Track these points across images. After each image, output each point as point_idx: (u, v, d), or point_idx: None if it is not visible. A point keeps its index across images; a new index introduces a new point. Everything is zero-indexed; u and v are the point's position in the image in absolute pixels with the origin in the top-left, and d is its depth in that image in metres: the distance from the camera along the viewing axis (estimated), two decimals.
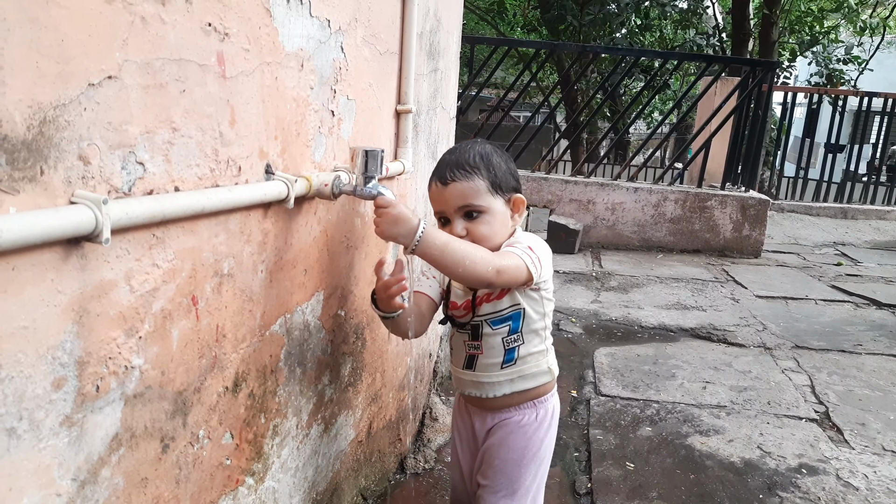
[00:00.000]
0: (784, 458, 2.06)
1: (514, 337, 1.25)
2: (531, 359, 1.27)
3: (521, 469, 1.29)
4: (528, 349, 1.26)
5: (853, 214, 7.38)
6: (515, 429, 1.29)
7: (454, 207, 1.21)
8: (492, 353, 1.26)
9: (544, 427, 1.30)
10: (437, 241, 1.10)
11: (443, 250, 1.10)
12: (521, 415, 1.29)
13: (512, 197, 1.26)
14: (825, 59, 11.34)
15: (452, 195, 1.21)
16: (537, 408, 1.30)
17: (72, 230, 0.63)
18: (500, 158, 1.25)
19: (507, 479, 1.29)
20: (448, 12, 1.95)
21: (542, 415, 1.30)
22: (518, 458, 1.29)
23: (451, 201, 1.21)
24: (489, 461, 1.30)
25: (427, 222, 1.11)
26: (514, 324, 1.25)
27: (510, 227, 1.26)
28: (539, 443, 1.30)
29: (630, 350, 2.96)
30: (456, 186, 1.20)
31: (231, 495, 1.03)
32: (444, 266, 1.12)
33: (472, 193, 1.20)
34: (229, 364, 0.98)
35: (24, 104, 0.59)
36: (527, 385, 1.28)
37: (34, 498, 0.66)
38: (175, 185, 0.81)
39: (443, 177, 1.21)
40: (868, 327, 3.43)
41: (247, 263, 0.99)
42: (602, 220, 5.16)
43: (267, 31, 0.95)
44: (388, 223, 1.10)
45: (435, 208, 1.25)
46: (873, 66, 11.85)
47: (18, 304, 0.61)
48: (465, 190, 1.20)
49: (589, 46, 7.20)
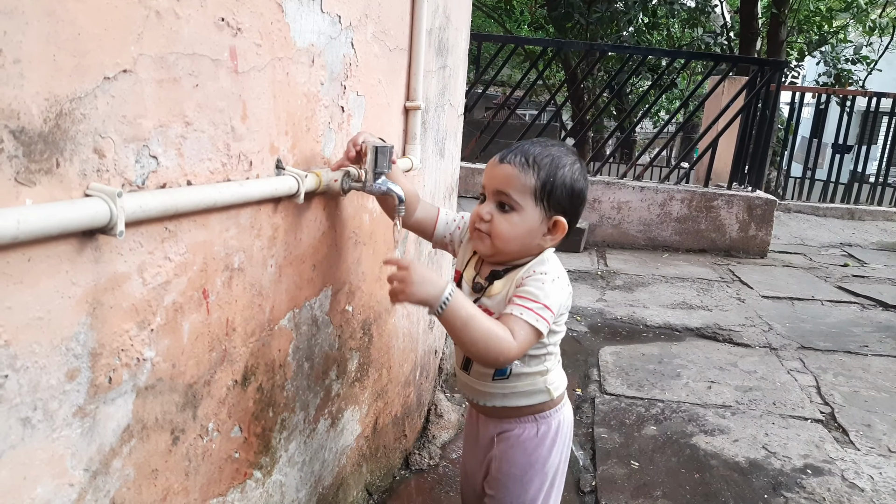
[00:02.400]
0: (789, 458, 2.05)
1: None
2: (526, 378, 1.21)
3: (524, 485, 1.24)
4: (522, 369, 1.20)
5: (860, 215, 7.35)
6: (516, 443, 1.24)
7: (493, 188, 1.15)
8: None
9: (547, 443, 1.24)
10: (462, 311, 1.03)
11: (466, 323, 1.03)
12: (522, 429, 1.24)
13: (555, 217, 1.15)
14: (833, 58, 11.29)
15: (499, 175, 1.14)
16: (538, 423, 1.23)
17: (87, 222, 0.64)
18: (570, 174, 1.14)
19: (511, 493, 1.25)
20: (457, 9, 1.95)
21: (544, 431, 1.23)
22: (520, 473, 1.24)
23: (494, 181, 1.14)
24: (494, 473, 1.27)
25: (454, 286, 1.05)
26: None
27: (537, 245, 1.16)
28: (542, 459, 1.24)
29: (635, 349, 2.96)
30: (506, 169, 1.13)
31: (239, 488, 1.03)
32: (460, 338, 1.05)
33: (517, 185, 1.12)
34: (239, 358, 0.98)
35: (41, 97, 0.60)
36: (520, 402, 1.22)
37: (47, 487, 0.67)
38: (187, 179, 0.81)
39: (504, 155, 1.15)
40: (874, 328, 3.42)
41: (257, 258, 0.99)
42: (608, 219, 5.15)
43: (279, 26, 0.95)
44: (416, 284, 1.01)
45: (483, 180, 1.19)
46: (882, 66, 11.79)
47: (34, 295, 0.62)
48: (511, 178, 1.12)
49: (596, 45, 7.18)
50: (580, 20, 8.90)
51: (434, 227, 1.31)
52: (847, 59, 11.39)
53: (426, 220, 1.31)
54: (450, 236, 1.31)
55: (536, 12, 11.66)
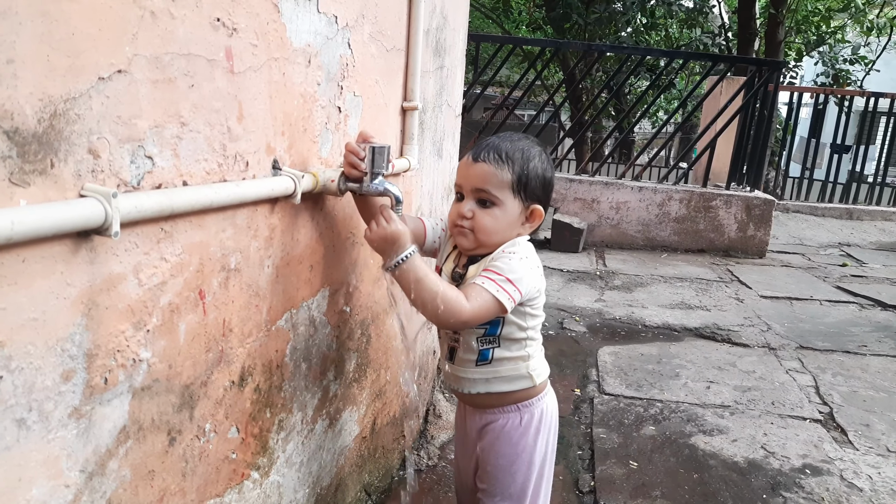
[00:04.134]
0: (788, 458, 2.05)
1: (489, 339, 1.23)
2: (507, 363, 1.24)
3: (513, 475, 1.27)
4: (503, 353, 1.24)
5: (858, 215, 7.35)
6: (500, 434, 1.26)
7: (472, 187, 1.19)
8: (467, 349, 1.25)
9: (531, 432, 1.26)
10: (417, 272, 1.10)
11: (419, 282, 1.09)
12: (506, 419, 1.26)
13: (532, 206, 1.22)
14: (831, 58, 11.29)
15: (475, 174, 1.18)
16: (521, 412, 1.26)
17: (82, 223, 0.64)
18: (540, 164, 1.21)
19: (501, 484, 1.27)
20: (454, 10, 1.95)
21: (527, 419, 1.26)
22: (507, 464, 1.26)
23: (471, 179, 1.19)
24: (483, 466, 1.30)
25: (417, 252, 1.12)
26: (490, 328, 1.22)
27: (517, 233, 1.23)
28: (529, 448, 1.26)
29: (634, 349, 2.96)
30: (482, 167, 1.17)
31: (236, 489, 1.03)
32: (415, 298, 1.10)
33: (494, 182, 1.17)
34: (236, 358, 0.98)
35: (35, 97, 0.59)
36: (503, 388, 1.25)
37: (43, 489, 0.67)
38: (183, 180, 0.81)
39: (477, 153, 1.19)
40: (873, 328, 3.42)
41: (253, 258, 0.99)
42: (606, 219, 5.15)
43: (275, 26, 0.95)
44: (381, 238, 1.11)
45: (457, 180, 1.23)
46: (880, 66, 11.79)
47: (28, 296, 0.62)
48: (488, 175, 1.17)
49: (594, 45, 7.18)
50: (578, 20, 8.90)
51: (425, 238, 1.32)
52: (845, 59, 11.39)
53: (417, 233, 1.30)
54: (438, 241, 1.33)
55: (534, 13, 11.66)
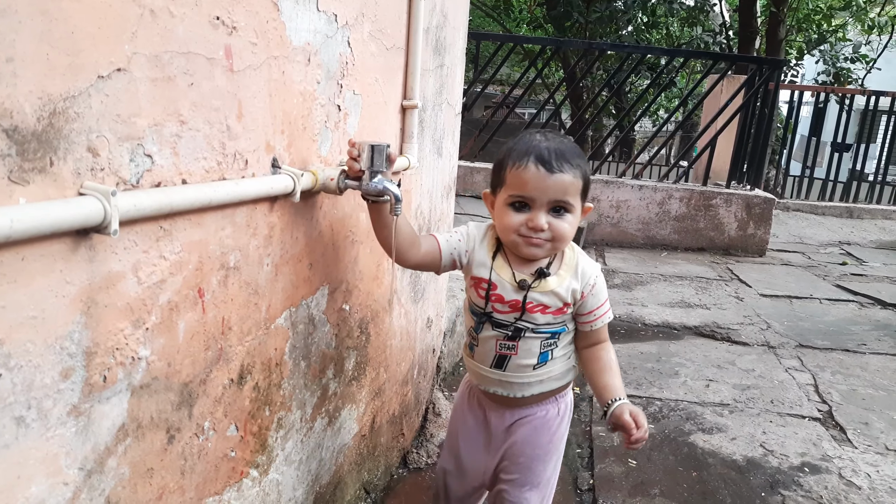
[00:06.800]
0: (787, 456, 2.06)
1: (552, 341, 1.25)
2: (560, 360, 1.28)
3: (546, 463, 1.31)
4: (560, 351, 1.27)
5: (859, 214, 7.35)
6: (540, 425, 1.29)
7: (551, 199, 1.14)
8: (527, 354, 1.24)
9: (566, 420, 1.33)
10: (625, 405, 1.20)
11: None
12: (545, 410, 1.29)
13: (585, 205, 1.22)
14: (832, 57, 11.28)
15: (556, 187, 1.13)
16: (559, 402, 1.31)
17: (81, 221, 0.64)
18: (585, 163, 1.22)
19: (533, 473, 1.30)
20: (455, 8, 1.94)
21: (563, 408, 1.32)
22: (543, 454, 1.30)
23: (550, 191, 1.14)
24: (514, 459, 1.30)
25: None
26: (559, 328, 1.25)
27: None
28: (561, 435, 1.32)
29: (633, 347, 2.96)
30: (563, 178, 1.13)
31: (235, 487, 1.03)
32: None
33: (573, 190, 1.15)
34: (235, 356, 0.98)
35: (34, 95, 0.59)
36: (554, 385, 1.29)
37: (41, 486, 0.67)
38: (182, 178, 0.81)
39: (549, 163, 1.12)
40: (873, 327, 3.43)
41: (253, 257, 0.99)
42: (607, 218, 5.15)
43: (274, 25, 0.95)
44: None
45: (520, 191, 1.15)
46: (881, 64, 11.78)
47: (27, 294, 0.62)
48: (568, 185, 1.14)
49: (595, 43, 7.17)
50: (579, 19, 8.90)
51: (440, 255, 1.26)
52: (846, 57, 11.38)
53: (432, 251, 1.26)
54: (456, 253, 1.27)
55: (535, 11, 11.65)
